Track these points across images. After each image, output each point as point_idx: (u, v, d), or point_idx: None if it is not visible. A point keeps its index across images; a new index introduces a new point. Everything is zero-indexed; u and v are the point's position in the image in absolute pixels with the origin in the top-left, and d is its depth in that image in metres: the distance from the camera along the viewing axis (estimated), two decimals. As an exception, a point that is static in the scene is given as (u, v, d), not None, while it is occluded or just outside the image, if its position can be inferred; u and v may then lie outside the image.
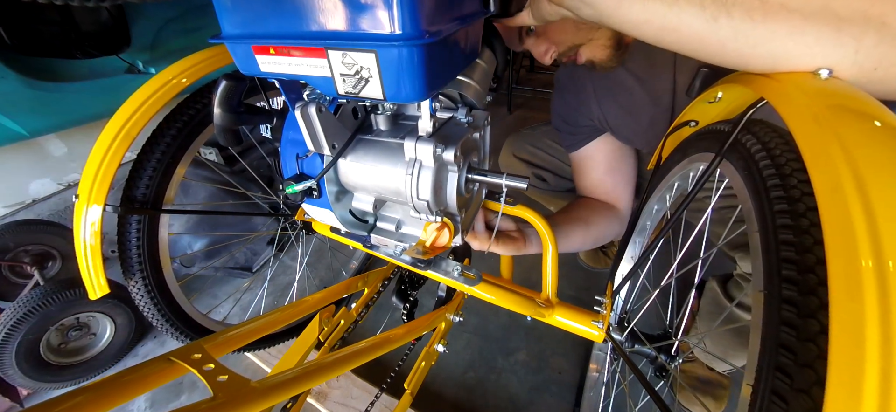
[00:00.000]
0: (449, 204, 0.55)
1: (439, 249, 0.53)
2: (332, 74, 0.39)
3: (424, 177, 0.49)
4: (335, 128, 0.49)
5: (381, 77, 0.38)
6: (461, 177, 0.54)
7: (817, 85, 0.39)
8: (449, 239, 0.53)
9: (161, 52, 1.48)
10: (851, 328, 0.25)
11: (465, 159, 0.55)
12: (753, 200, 0.41)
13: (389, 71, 0.37)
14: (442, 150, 0.48)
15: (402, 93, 0.39)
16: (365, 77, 0.38)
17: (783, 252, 0.34)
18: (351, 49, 0.37)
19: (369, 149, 0.53)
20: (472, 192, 0.63)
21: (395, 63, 0.36)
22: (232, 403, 0.36)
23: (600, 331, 0.64)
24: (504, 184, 0.54)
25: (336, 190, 0.56)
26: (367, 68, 0.38)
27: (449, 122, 0.56)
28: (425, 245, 0.53)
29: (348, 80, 0.39)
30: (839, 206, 0.29)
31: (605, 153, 0.95)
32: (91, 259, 0.65)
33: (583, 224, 0.89)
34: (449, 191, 0.54)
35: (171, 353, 0.40)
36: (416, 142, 0.47)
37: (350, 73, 0.39)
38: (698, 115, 0.65)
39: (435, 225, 0.52)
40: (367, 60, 0.37)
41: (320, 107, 0.45)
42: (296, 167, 0.54)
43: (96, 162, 0.65)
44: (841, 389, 0.24)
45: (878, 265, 0.25)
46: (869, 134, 0.32)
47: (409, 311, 0.84)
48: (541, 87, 3.28)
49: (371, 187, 0.55)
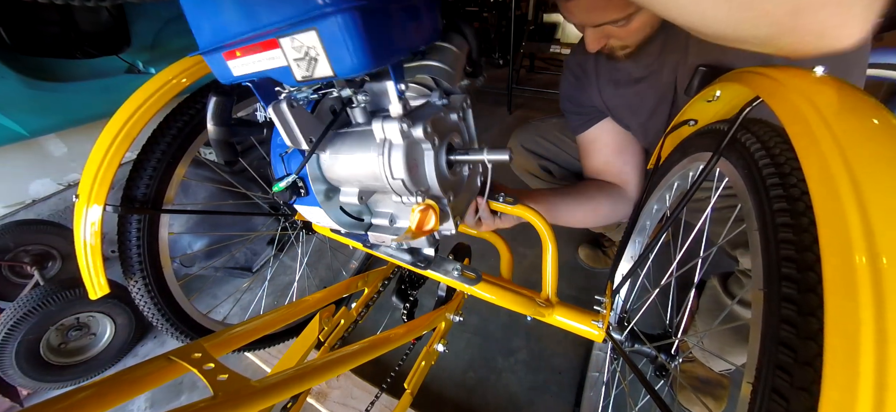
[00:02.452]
0: (430, 185, 0.55)
1: (426, 233, 0.53)
2: (288, 62, 0.41)
3: (396, 155, 0.49)
4: (311, 124, 0.50)
5: (327, 53, 0.39)
6: (439, 156, 0.54)
7: (812, 82, 0.39)
8: (435, 222, 0.53)
9: (161, 52, 1.49)
10: (846, 323, 0.25)
11: (442, 139, 0.55)
12: (753, 199, 0.41)
13: (332, 45, 0.38)
14: (409, 126, 0.48)
15: (348, 64, 0.39)
16: (313, 56, 0.40)
17: (783, 250, 0.34)
18: (296, 32, 0.38)
19: (345, 139, 0.53)
20: (458, 174, 0.62)
21: (335, 35, 0.37)
22: (232, 402, 0.36)
23: (600, 331, 0.64)
24: (486, 159, 0.54)
25: (324, 188, 0.57)
26: (313, 47, 0.39)
27: (424, 107, 0.56)
28: (411, 228, 0.53)
29: (301, 63, 0.41)
30: (833, 202, 0.29)
31: (612, 134, 0.96)
32: (91, 259, 0.65)
33: (588, 200, 0.89)
34: (427, 170, 0.54)
35: (172, 353, 0.40)
36: (383, 121, 0.48)
37: (301, 56, 0.40)
38: (697, 113, 0.65)
39: (419, 208, 0.52)
40: (312, 39, 0.38)
41: (291, 103, 0.46)
42: (283, 169, 0.55)
43: (96, 162, 0.65)
44: (837, 384, 0.24)
45: (871, 261, 0.25)
46: (862, 131, 0.32)
47: (409, 311, 0.84)
48: (541, 86, 3.28)
49: (352, 178, 0.55)
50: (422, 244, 0.65)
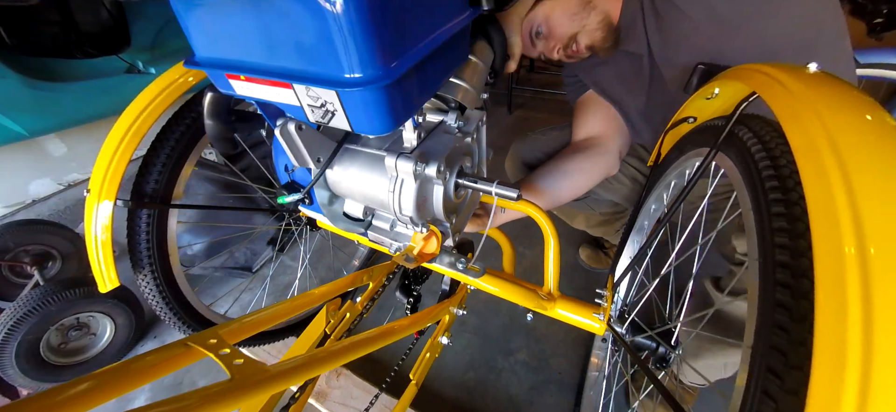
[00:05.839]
0: (436, 214, 0.54)
1: (428, 256, 0.53)
2: (301, 104, 0.39)
3: (406, 192, 0.48)
4: (318, 141, 0.48)
5: (346, 114, 0.37)
6: (448, 186, 0.52)
7: (806, 78, 0.40)
8: (437, 247, 0.52)
9: (161, 52, 1.49)
10: (835, 311, 0.26)
11: (452, 168, 0.53)
12: (749, 191, 0.43)
13: (353, 108, 0.36)
14: (423, 168, 0.46)
15: (370, 127, 0.38)
16: (331, 111, 0.38)
17: (777, 238, 0.35)
18: (314, 86, 0.36)
19: (354, 158, 0.51)
20: (463, 197, 0.61)
21: (358, 102, 0.35)
22: (248, 385, 0.37)
23: (602, 324, 0.65)
24: (494, 192, 0.52)
25: (327, 195, 0.56)
26: (331, 103, 0.37)
27: (438, 128, 0.54)
28: (413, 252, 0.52)
29: (316, 111, 0.39)
30: (824, 194, 0.30)
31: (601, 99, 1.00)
32: (102, 253, 0.66)
33: (578, 170, 0.91)
34: (435, 202, 0.52)
35: (188, 339, 0.41)
36: (397, 159, 0.45)
37: (317, 105, 0.38)
38: (696, 111, 0.67)
39: (421, 235, 0.52)
40: (331, 97, 0.36)
41: (300, 125, 0.44)
42: (287, 177, 0.54)
43: (107, 158, 0.66)
44: (825, 370, 0.25)
45: (860, 252, 0.27)
46: (854, 124, 0.33)
47: (413, 306, 0.85)
48: (541, 86, 3.30)
49: (358, 196, 0.54)
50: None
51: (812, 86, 0.39)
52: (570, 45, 0.84)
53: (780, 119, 0.38)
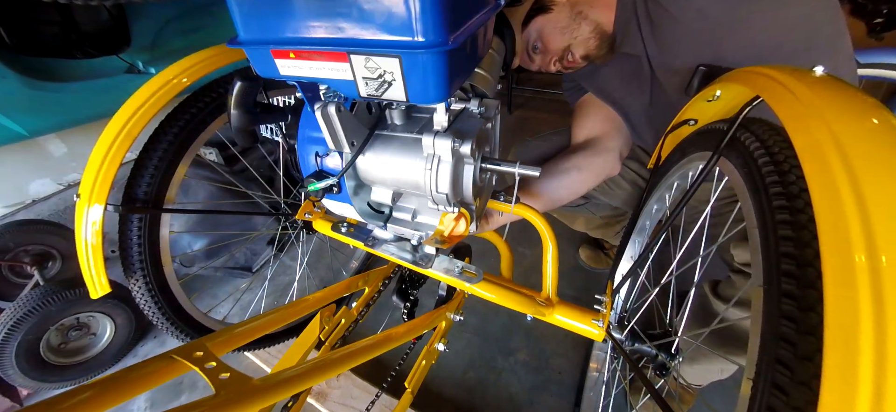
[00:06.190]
0: (465, 194, 0.56)
1: (457, 238, 0.54)
2: (354, 78, 0.40)
3: (443, 171, 0.50)
4: (353, 125, 0.49)
5: (405, 81, 0.38)
6: (476, 167, 0.55)
7: (811, 81, 0.39)
8: (466, 228, 0.54)
9: (161, 52, 1.48)
10: (846, 319, 0.25)
11: (480, 149, 0.56)
12: (752, 197, 0.41)
13: (413, 75, 0.38)
14: (459, 145, 0.49)
15: (425, 95, 0.39)
16: (388, 80, 0.39)
17: (783, 247, 0.34)
18: (375, 54, 0.37)
19: (387, 144, 0.53)
20: (484, 180, 0.64)
21: (419, 68, 0.37)
22: (234, 401, 0.36)
23: (600, 330, 0.64)
24: (517, 172, 0.55)
25: (354, 184, 0.57)
26: (390, 72, 0.38)
27: (462, 114, 0.57)
28: (443, 234, 0.54)
29: (371, 83, 0.40)
30: (833, 200, 0.29)
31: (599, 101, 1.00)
32: (92, 258, 0.66)
33: (575, 168, 0.90)
34: (466, 182, 0.55)
35: (174, 351, 0.40)
36: (434, 137, 0.48)
37: (373, 76, 0.39)
38: (697, 113, 0.65)
39: (452, 215, 0.54)
40: (391, 65, 0.38)
41: (339, 106, 0.46)
42: (315, 164, 0.55)
43: (97, 161, 0.65)
44: (837, 378, 0.24)
45: (870, 260, 0.25)
46: (862, 129, 0.32)
47: (410, 310, 0.84)
48: (541, 86, 3.28)
49: (390, 181, 0.56)
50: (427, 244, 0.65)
51: (817, 90, 0.37)
52: (565, 57, 0.85)
53: (785, 124, 0.37)
